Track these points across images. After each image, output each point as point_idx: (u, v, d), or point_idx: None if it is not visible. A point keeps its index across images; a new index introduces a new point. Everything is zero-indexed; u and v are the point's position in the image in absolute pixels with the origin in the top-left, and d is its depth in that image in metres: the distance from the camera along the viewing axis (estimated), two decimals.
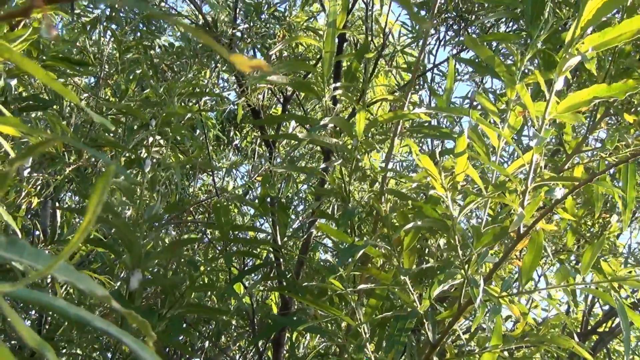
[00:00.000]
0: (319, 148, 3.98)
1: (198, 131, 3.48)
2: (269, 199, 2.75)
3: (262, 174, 4.00)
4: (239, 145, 4.69)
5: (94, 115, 1.00)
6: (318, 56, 3.45)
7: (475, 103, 3.17)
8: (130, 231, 2.35)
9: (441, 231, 2.06)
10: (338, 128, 2.42)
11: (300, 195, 3.49)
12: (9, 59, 0.78)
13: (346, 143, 2.44)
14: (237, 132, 4.62)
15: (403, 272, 1.99)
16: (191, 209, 3.57)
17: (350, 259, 1.95)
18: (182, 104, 2.57)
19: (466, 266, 1.93)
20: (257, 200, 2.99)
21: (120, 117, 2.86)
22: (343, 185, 2.36)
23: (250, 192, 4.75)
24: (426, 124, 2.49)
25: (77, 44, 2.83)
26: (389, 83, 4.03)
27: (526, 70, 2.03)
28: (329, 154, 2.98)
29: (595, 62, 2.14)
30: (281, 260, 2.62)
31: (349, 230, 2.40)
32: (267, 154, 3.49)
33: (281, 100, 3.50)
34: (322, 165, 2.41)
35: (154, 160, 2.51)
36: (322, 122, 2.20)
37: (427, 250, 2.30)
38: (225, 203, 2.70)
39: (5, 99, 2.25)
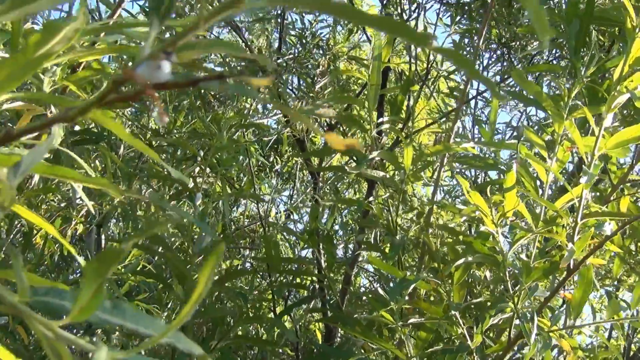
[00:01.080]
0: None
1: (240, 157, 3.55)
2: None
3: (304, 201, 4.06)
4: (279, 170, 4.76)
5: (173, 171, 1.06)
6: (362, 84, 3.51)
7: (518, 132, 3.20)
8: (182, 263, 2.42)
9: (491, 266, 2.10)
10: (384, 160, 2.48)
11: (342, 222, 3.54)
12: (93, 120, 0.84)
13: (390, 173, 2.49)
14: (277, 157, 4.68)
15: (454, 306, 2.04)
16: (233, 235, 3.63)
17: (401, 293, 2.00)
18: (229, 135, 2.63)
19: (516, 300, 1.96)
20: (299, 229, 3.04)
21: (165, 146, 2.94)
22: (390, 217, 2.41)
23: (291, 216, 4.82)
24: (471, 155, 2.53)
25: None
26: (430, 108, 4.07)
27: (572, 103, 2.06)
28: (372, 184, 3.03)
29: None
30: (326, 290, 2.67)
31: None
32: (312, 184, 3.54)
33: (325, 129, 3.56)
34: (370, 198, 2.47)
35: (203, 191, 2.58)
36: (370, 156, 2.25)
37: (472, 281, 2.34)
38: (273, 234, 2.76)
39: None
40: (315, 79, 3.27)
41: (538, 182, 2.13)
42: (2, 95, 0.86)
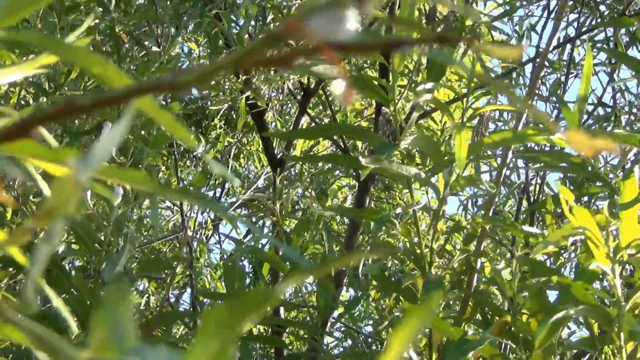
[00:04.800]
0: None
1: None
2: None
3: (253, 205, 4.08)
4: (202, 153, 4.74)
5: (212, 163, 1.09)
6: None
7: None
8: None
9: (599, 323, 2.15)
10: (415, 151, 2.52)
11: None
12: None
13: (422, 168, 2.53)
14: (200, 132, 4.64)
15: None
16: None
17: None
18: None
19: None
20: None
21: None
22: (420, 241, 2.44)
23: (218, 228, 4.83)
24: (546, 149, 2.58)
25: None
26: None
27: None
28: (366, 186, 3.07)
29: None
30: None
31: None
32: (271, 179, 3.56)
33: (298, 96, 3.58)
34: (398, 211, 2.50)
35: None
36: (401, 144, 2.29)
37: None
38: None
39: None
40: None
41: None
42: None
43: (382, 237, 2.97)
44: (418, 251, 2.44)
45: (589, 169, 2.52)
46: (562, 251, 2.77)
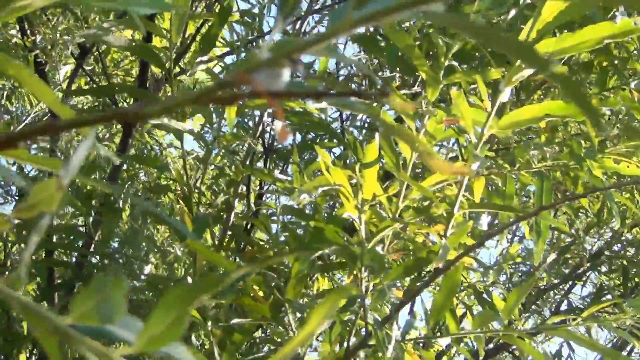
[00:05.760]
0: None
1: None
2: None
3: None
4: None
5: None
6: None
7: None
8: None
9: (346, 260, 2.30)
10: None
11: None
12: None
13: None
14: None
15: (293, 304, 2.24)
16: None
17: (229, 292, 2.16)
18: None
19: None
20: None
21: None
22: (186, 180, 2.55)
23: None
24: (300, 110, 2.73)
25: None
26: None
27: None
28: (130, 130, 3.15)
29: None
30: None
31: None
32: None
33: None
34: (177, 159, 2.61)
35: None
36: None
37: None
38: None
39: None
40: None
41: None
42: None
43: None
44: (188, 193, 2.55)
45: (328, 127, 2.70)
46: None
